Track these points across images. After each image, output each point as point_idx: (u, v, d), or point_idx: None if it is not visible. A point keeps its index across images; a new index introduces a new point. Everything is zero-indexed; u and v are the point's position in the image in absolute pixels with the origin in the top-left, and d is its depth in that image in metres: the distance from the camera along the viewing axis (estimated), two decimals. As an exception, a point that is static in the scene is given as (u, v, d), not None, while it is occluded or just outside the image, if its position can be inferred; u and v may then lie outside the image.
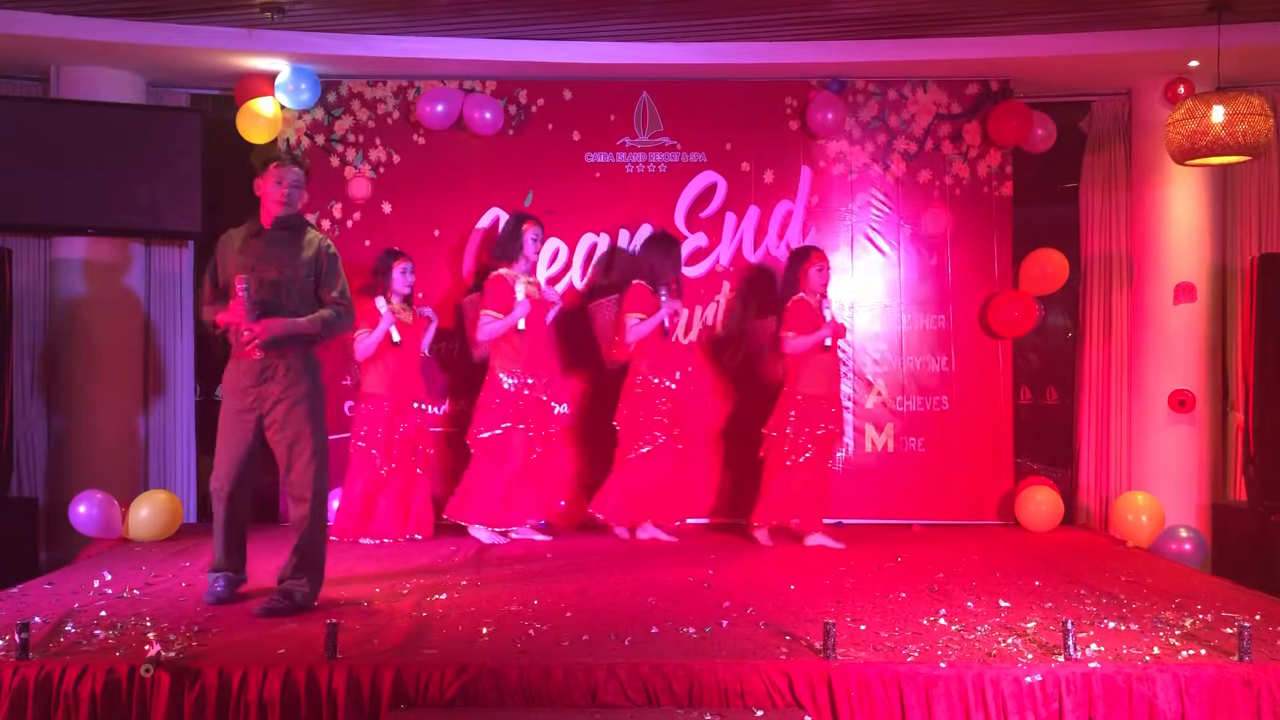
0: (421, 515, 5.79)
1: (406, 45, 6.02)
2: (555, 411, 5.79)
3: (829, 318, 5.57)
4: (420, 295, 6.10)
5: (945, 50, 6.07)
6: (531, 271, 5.81)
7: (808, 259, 5.67)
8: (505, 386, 5.65)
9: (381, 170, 6.39)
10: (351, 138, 6.39)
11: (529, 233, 5.70)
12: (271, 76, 6.18)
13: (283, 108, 6.25)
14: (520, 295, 5.60)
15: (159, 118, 6.32)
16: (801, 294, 5.63)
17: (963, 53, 6.08)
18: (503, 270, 5.69)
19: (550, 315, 6.00)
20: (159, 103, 6.44)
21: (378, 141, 6.39)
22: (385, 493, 5.70)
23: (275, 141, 6.32)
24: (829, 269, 5.69)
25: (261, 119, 6.18)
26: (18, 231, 6.16)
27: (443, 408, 6.35)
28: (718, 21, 5.81)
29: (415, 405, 5.81)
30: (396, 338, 5.64)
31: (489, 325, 5.63)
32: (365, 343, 5.62)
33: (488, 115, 6.24)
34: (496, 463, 5.65)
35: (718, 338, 6.42)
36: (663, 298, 5.78)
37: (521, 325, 5.60)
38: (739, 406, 6.35)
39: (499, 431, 5.62)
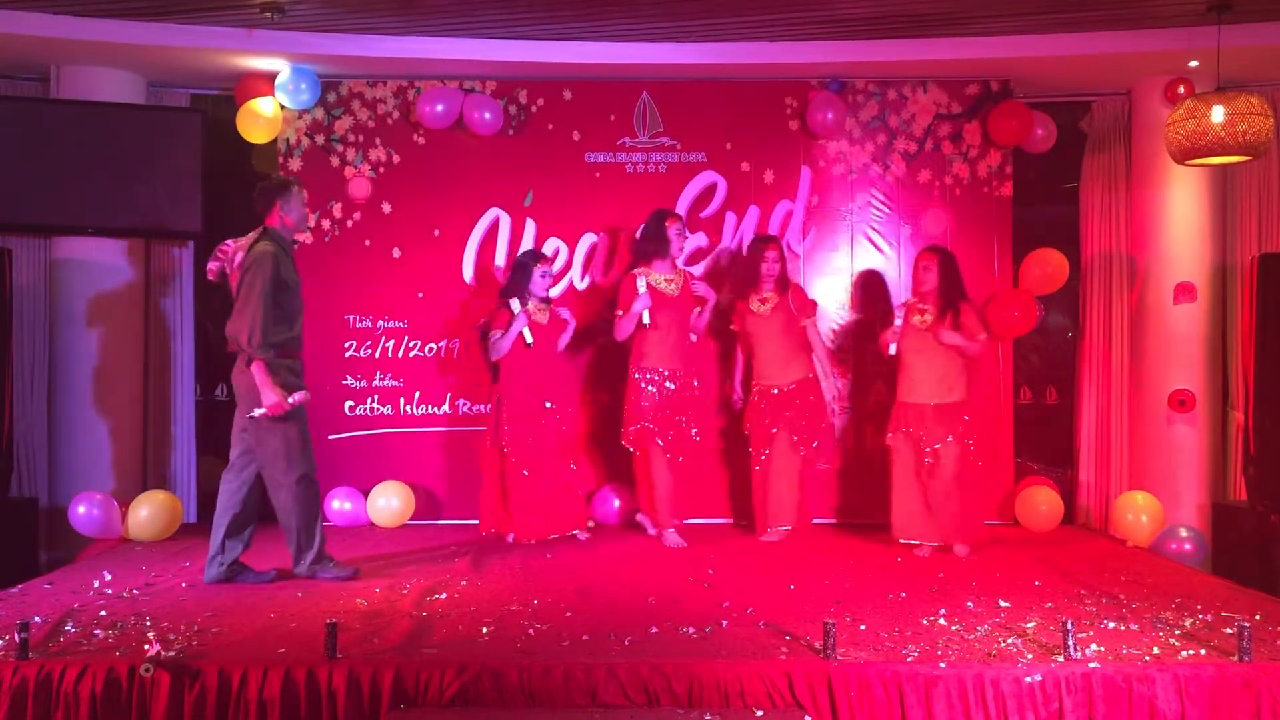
0: (573, 512, 5.78)
1: (406, 45, 6.02)
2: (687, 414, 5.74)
3: (896, 324, 5.46)
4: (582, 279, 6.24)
5: (945, 50, 6.07)
6: (652, 267, 5.75)
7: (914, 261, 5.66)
8: (639, 385, 5.68)
9: (381, 170, 6.39)
10: (351, 138, 6.39)
11: (672, 228, 5.72)
12: (271, 76, 6.18)
13: (283, 108, 6.25)
14: (641, 289, 5.58)
15: (159, 118, 6.31)
16: (912, 299, 5.59)
17: (963, 53, 6.08)
18: (638, 269, 5.73)
19: (703, 315, 5.87)
20: (159, 103, 6.44)
21: (378, 141, 6.39)
22: (529, 492, 5.66)
23: (275, 141, 6.32)
24: (926, 269, 5.47)
25: (261, 119, 6.18)
26: (18, 231, 6.16)
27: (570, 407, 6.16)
28: (718, 21, 5.81)
29: (547, 405, 5.74)
30: (529, 339, 5.60)
31: (617, 324, 5.71)
32: (499, 344, 5.62)
33: (488, 115, 6.24)
34: (642, 461, 5.71)
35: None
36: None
37: (646, 320, 5.58)
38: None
39: (635, 429, 5.67)
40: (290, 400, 4.55)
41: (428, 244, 6.38)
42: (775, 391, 5.70)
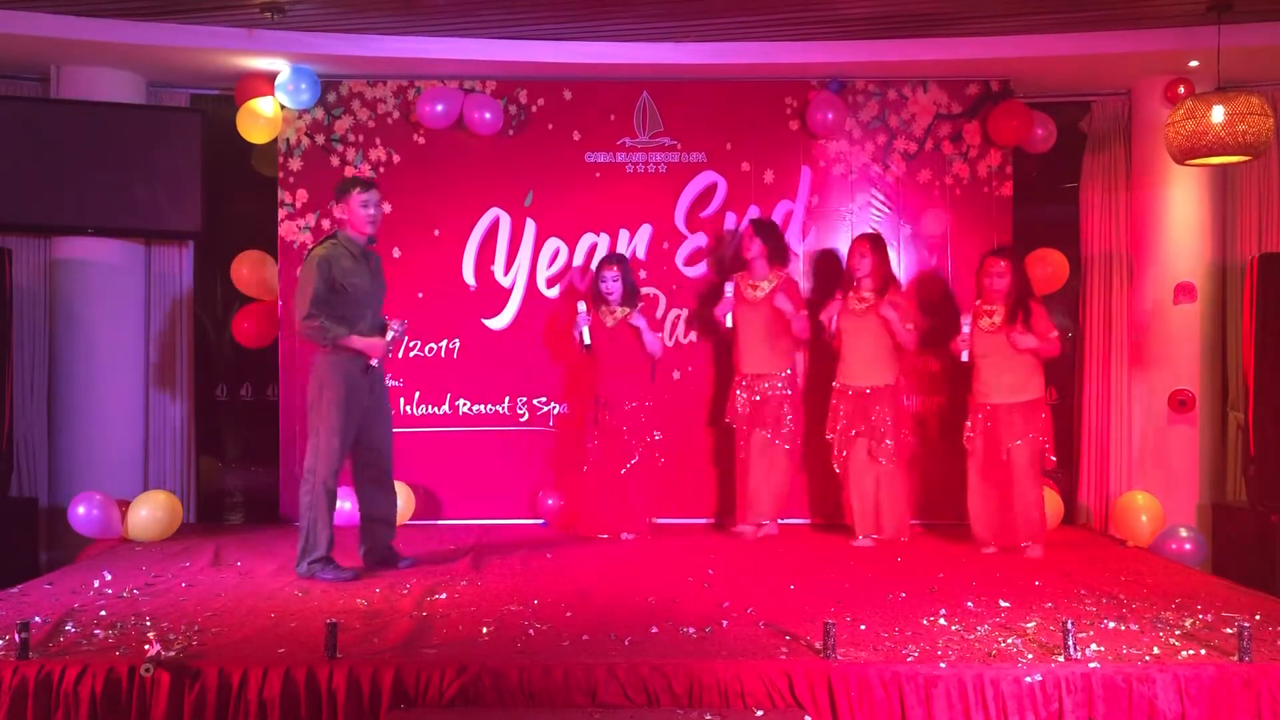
0: (631, 513, 5.80)
1: (406, 45, 6.02)
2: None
3: (965, 330, 5.41)
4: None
5: (945, 50, 6.07)
6: (753, 273, 5.87)
7: (978, 266, 5.58)
8: (733, 385, 5.85)
9: (381, 170, 6.38)
10: (351, 137, 6.38)
11: (743, 236, 5.89)
12: (271, 76, 6.17)
13: (283, 108, 6.25)
14: (728, 293, 5.75)
15: (159, 118, 6.31)
16: (978, 302, 5.55)
17: (963, 53, 6.07)
18: (737, 274, 5.92)
19: (794, 321, 5.82)
20: (159, 103, 6.44)
21: (378, 141, 6.39)
22: (589, 489, 5.85)
23: (275, 141, 6.32)
24: (1000, 277, 5.40)
25: (261, 119, 6.18)
26: (18, 231, 6.16)
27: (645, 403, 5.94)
28: (718, 21, 5.81)
29: (623, 405, 5.80)
30: (588, 340, 5.77)
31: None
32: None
33: (488, 115, 6.24)
34: (736, 459, 5.84)
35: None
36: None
37: (729, 322, 5.74)
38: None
39: (731, 428, 5.83)
40: (390, 335, 4.89)
41: (428, 244, 6.38)
42: (849, 393, 5.71)
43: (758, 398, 5.77)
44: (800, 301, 5.91)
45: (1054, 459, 5.48)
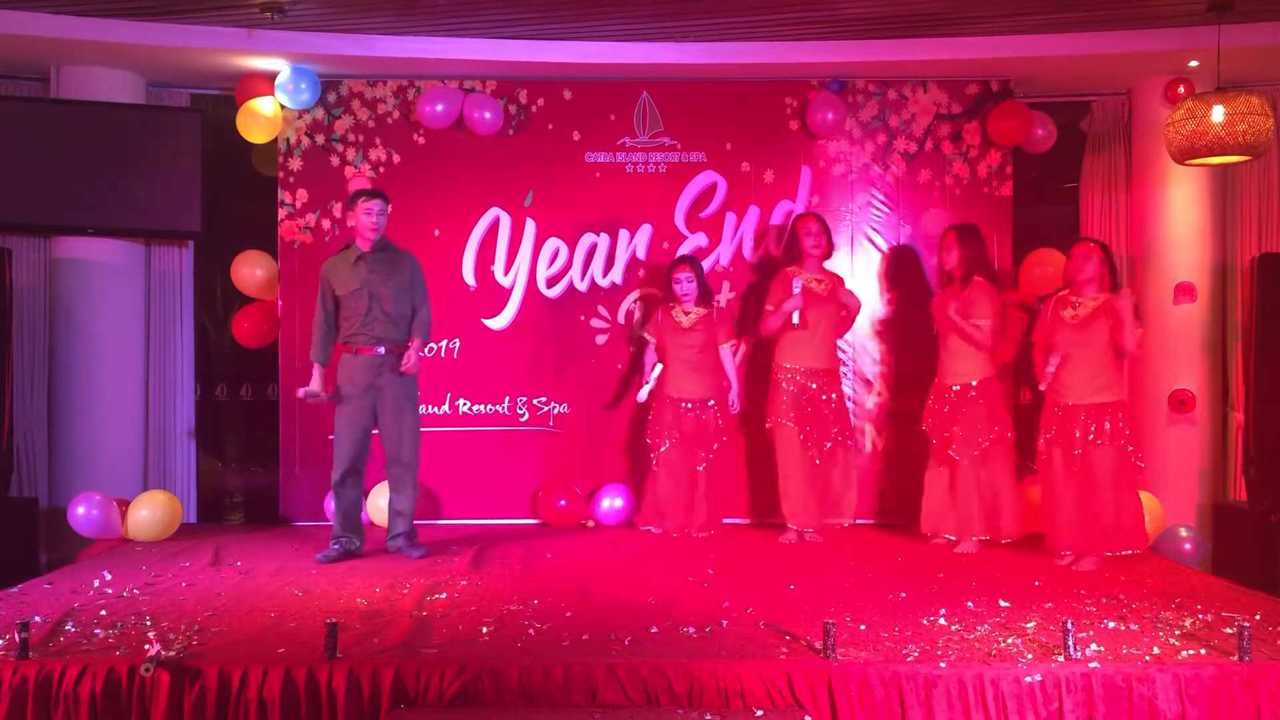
0: (704, 512, 5.84)
1: (406, 45, 6.02)
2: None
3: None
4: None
5: (945, 50, 6.07)
6: (811, 267, 5.80)
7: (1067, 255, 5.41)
8: (780, 381, 5.74)
9: (381, 170, 6.39)
10: (351, 137, 6.39)
11: (801, 229, 5.80)
12: (271, 76, 6.18)
13: (283, 107, 6.25)
14: (796, 289, 5.62)
15: (159, 118, 6.32)
16: (1064, 292, 5.39)
17: (963, 53, 6.08)
18: (790, 268, 5.80)
19: (848, 321, 5.89)
20: (159, 103, 6.44)
21: (378, 141, 6.39)
22: (664, 486, 5.87)
23: (275, 141, 6.33)
24: (1081, 262, 5.21)
25: (261, 119, 6.18)
26: (18, 231, 6.16)
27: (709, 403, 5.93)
28: (718, 21, 5.81)
29: (685, 404, 5.81)
30: (649, 340, 5.93)
31: (766, 320, 5.77)
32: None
33: (488, 115, 6.24)
34: (780, 460, 5.75)
35: None
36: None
37: (796, 319, 5.62)
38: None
39: (779, 426, 5.72)
40: (299, 392, 5.35)
41: (428, 244, 6.37)
42: (956, 389, 5.55)
43: (809, 396, 5.68)
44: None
45: (1142, 465, 5.19)
